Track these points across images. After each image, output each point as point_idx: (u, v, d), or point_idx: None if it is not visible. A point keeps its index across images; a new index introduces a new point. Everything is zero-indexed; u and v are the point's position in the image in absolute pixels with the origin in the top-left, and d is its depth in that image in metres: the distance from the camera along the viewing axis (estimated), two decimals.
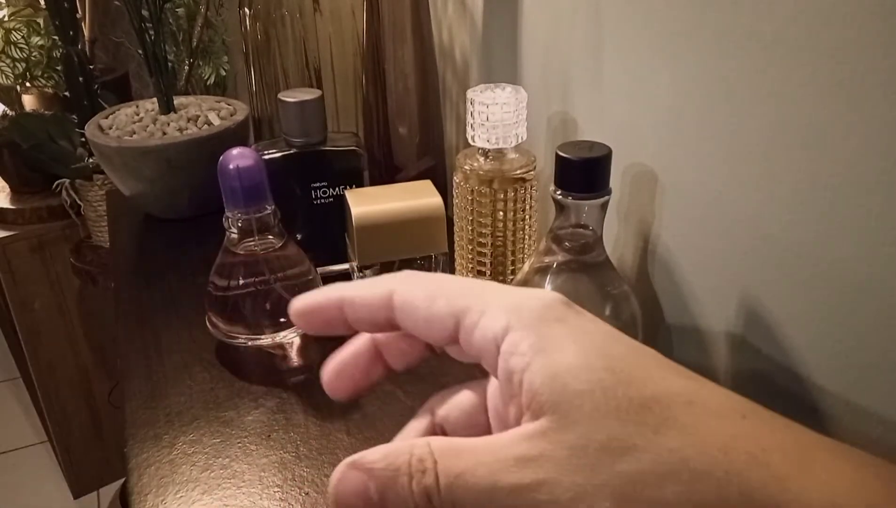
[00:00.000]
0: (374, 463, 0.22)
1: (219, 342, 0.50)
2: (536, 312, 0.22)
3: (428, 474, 0.21)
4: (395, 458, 0.21)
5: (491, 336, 0.22)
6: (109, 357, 1.36)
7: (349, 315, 0.25)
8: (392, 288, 0.24)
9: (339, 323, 0.26)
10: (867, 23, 0.29)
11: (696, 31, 0.38)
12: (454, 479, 0.20)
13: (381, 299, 0.24)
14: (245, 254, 0.48)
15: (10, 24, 1.11)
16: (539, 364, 0.21)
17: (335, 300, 0.25)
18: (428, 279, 0.24)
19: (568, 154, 0.39)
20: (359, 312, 0.25)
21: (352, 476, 0.22)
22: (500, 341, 0.22)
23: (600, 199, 0.40)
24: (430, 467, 0.21)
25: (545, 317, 0.22)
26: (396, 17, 0.67)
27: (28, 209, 1.24)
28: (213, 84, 1.14)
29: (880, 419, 0.33)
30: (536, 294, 0.23)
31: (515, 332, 0.22)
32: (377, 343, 0.27)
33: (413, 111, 0.71)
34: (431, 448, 0.21)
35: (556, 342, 0.21)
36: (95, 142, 0.68)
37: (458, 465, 0.21)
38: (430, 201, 0.51)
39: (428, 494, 0.21)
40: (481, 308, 0.23)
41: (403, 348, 0.27)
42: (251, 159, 0.45)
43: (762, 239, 0.37)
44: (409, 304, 0.24)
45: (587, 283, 0.42)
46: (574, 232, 0.41)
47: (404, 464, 0.21)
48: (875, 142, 0.30)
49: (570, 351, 0.21)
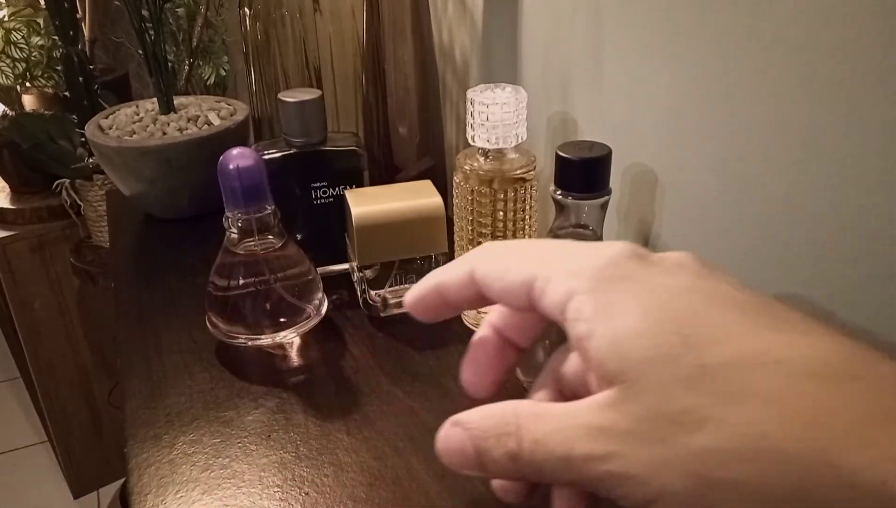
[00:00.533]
0: (471, 423, 0.23)
1: (219, 342, 0.50)
2: (599, 271, 0.21)
3: (512, 438, 0.21)
4: (487, 420, 0.22)
5: (557, 303, 0.21)
6: (109, 357, 1.36)
7: (446, 296, 0.26)
8: (472, 265, 0.25)
9: (441, 306, 0.26)
10: (867, 23, 0.29)
11: (696, 31, 0.38)
12: (534, 444, 0.21)
13: (465, 277, 0.25)
14: (245, 254, 0.48)
15: (10, 24, 1.11)
16: (602, 331, 0.20)
17: (432, 286, 0.26)
18: (503, 250, 0.24)
19: (568, 154, 0.39)
20: (451, 292, 0.26)
21: (453, 434, 0.23)
22: (566, 307, 0.21)
23: (600, 199, 0.40)
24: (513, 431, 0.21)
25: (608, 277, 0.21)
26: (396, 17, 0.67)
27: (28, 209, 1.24)
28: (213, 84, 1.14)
29: None
30: (602, 251, 0.22)
31: (578, 296, 0.21)
32: (499, 329, 0.27)
33: (413, 111, 0.71)
34: (516, 413, 0.22)
35: (619, 304, 0.20)
36: (95, 142, 0.68)
37: (538, 431, 0.21)
38: (431, 201, 0.51)
39: (512, 456, 0.21)
40: (546, 275, 0.22)
41: (522, 325, 0.27)
42: (251, 159, 0.45)
43: (762, 239, 0.37)
44: (487, 278, 0.24)
45: None
46: (574, 232, 0.41)
47: (493, 427, 0.22)
48: (875, 142, 0.30)
49: (633, 314, 0.20)
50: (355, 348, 0.51)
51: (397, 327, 0.53)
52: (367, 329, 0.53)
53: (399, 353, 0.50)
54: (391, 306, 0.54)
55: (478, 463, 0.22)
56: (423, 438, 0.42)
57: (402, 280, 0.53)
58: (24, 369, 1.43)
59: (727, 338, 0.19)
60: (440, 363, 0.49)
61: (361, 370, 0.48)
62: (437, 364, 0.49)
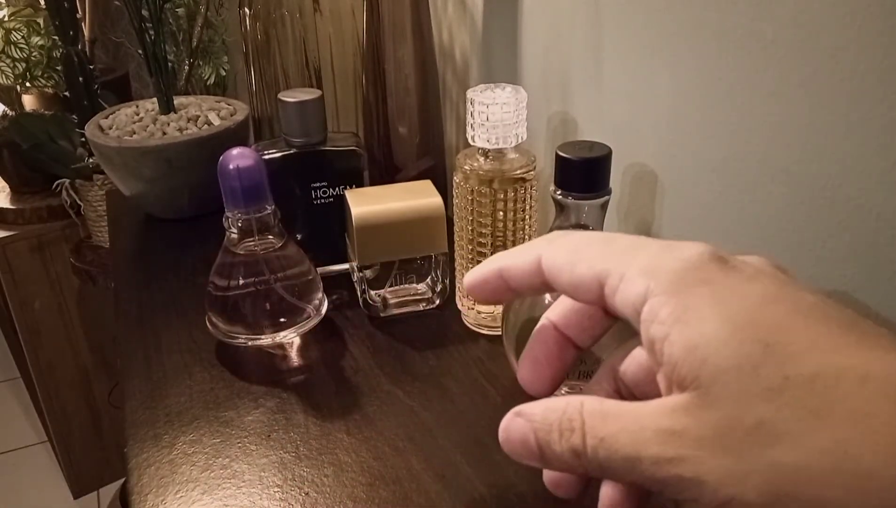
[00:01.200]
0: (534, 415, 0.22)
1: (219, 342, 0.50)
2: (678, 274, 0.20)
3: (576, 434, 0.21)
4: (551, 413, 0.22)
5: (630, 302, 0.21)
6: (109, 357, 1.36)
7: (509, 282, 0.25)
8: (539, 253, 0.24)
9: (503, 290, 0.26)
10: (867, 23, 0.29)
11: (696, 31, 0.38)
12: (599, 442, 0.20)
13: (532, 264, 0.24)
14: (245, 254, 0.48)
15: (11, 24, 1.11)
16: (678, 335, 0.19)
17: (495, 270, 0.26)
18: (574, 241, 0.24)
19: (568, 154, 0.39)
20: (515, 278, 0.25)
21: (517, 424, 0.23)
22: (640, 307, 0.20)
23: (600, 199, 0.40)
24: (577, 427, 0.21)
25: (687, 280, 0.20)
26: (396, 16, 0.67)
27: (28, 209, 1.24)
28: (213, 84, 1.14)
29: None
30: (681, 253, 0.21)
31: (655, 298, 0.20)
32: (560, 327, 0.26)
33: (413, 111, 0.71)
34: (582, 409, 0.21)
35: (697, 309, 0.19)
36: (95, 142, 0.68)
37: (604, 429, 0.20)
38: (430, 201, 0.51)
39: (575, 452, 0.21)
40: (621, 271, 0.21)
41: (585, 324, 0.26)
42: (251, 159, 0.45)
43: (762, 239, 0.37)
44: (554, 268, 0.23)
45: None
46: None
47: (556, 421, 0.22)
48: (875, 142, 0.30)
49: (713, 320, 0.19)
50: (355, 348, 0.51)
51: (397, 327, 0.53)
52: (367, 329, 0.53)
53: (399, 353, 0.50)
54: (391, 306, 0.54)
55: (539, 455, 0.22)
56: (423, 438, 0.42)
57: (402, 280, 0.53)
58: (24, 369, 1.44)
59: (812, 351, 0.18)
60: (440, 363, 0.49)
61: (361, 370, 0.48)
62: (437, 364, 0.49)
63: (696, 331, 0.19)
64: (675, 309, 0.20)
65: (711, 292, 0.20)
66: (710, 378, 0.19)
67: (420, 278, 0.54)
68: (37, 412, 1.51)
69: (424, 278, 0.54)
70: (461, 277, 0.51)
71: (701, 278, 0.20)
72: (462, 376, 0.46)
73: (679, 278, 0.20)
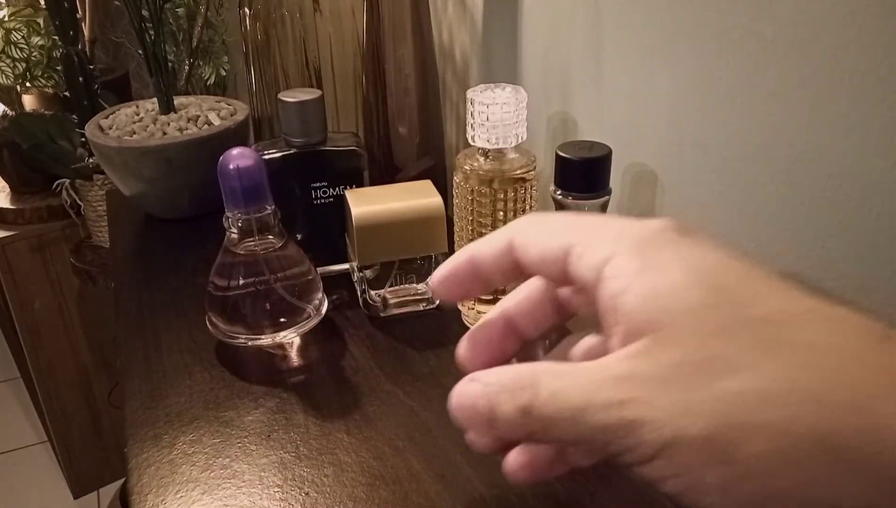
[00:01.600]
0: (488, 377, 0.22)
1: (219, 342, 0.50)
2: (643, 237, 0.21)
3: (527, 391, 0.21)
4: (504, 375, 0.22)
5: (594, 265, 0.21)
6: (109, 357, 1.36)
7: (481, 269, 0.25)
8: (512, 233, 0.24)
9: (474, 281, 0.26)
10: (867, 23, 0.29)
11: (696, 31, 0.38)
12: (549, 396, 0.20)
13: (503, 245, 0.24)
14: (245, 254, 0.48)
15: (11, 24, 1.11)
16: (639, 285, 0.20)
17: (466, 259, 0.26)
18: (545, 219, 0.24)
19: (568, 154, 0.39)
20: (486, 263, 0.25)
21: (469, 389, 0.23)
22: (603, 268, 0.21)
23: (600, 199, 0.40)
24: (528, 385, 0.21)
25: (653, 240, 0.21)
26: (396, 16, 0.67)
27: (28, 209, 1.24)
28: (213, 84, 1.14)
29: None
30: (647, 222, 0.22)
31: (619, 257, 0.21)
32: (509, 316, 0.27)
33: (413, 111, 0.71)
34: (536, 369, 0.21)
35: (660, 263, 0.20)
36: (95, 142, 0.68)
37: (556, 383, 0.20)
38: (431, 201, 0.51)
39: (524, 410, 0.21)
40: (588, 239, 0.22)
41: (535, 314, 0.26)
42: (251, 159, 0.45)
43: (762, 239, 0.37)
44: (525, 243, 0.24)
45: None
46: None
47: (510, 381, 0.21)
48: (875, 142, 0.30)
49: (674, 272, 0.20)
50: (355, 348, 0.51)
51: (397, 327, 0.53)
52: (367, 329, 0.53)
53: (399, 353, 0.50)
54: (391, 306, 0.54)
55: (488, 419, 0.22)
56: (423, 438, 0.42)
57: (402, 280, 0.53)
58: (24, 369, 1.43)
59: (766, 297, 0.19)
60: (440, 363, 0.49)
61: (361, 370, 0.48)
62: (437, 364, 0.49)
63: (658, 280, 0.20)
64: (639, 264, 0.20)
65: (675, 249, 0.20)
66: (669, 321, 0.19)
67: (420, 278, 0.54)
68: (37, 412, 1.51)
69: (424, 278, 0.54)
70: None
71: (665, 240, 0.21)
72: (462, 376, 0.46)
73: (644, 240, 0.21)
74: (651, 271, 0.20)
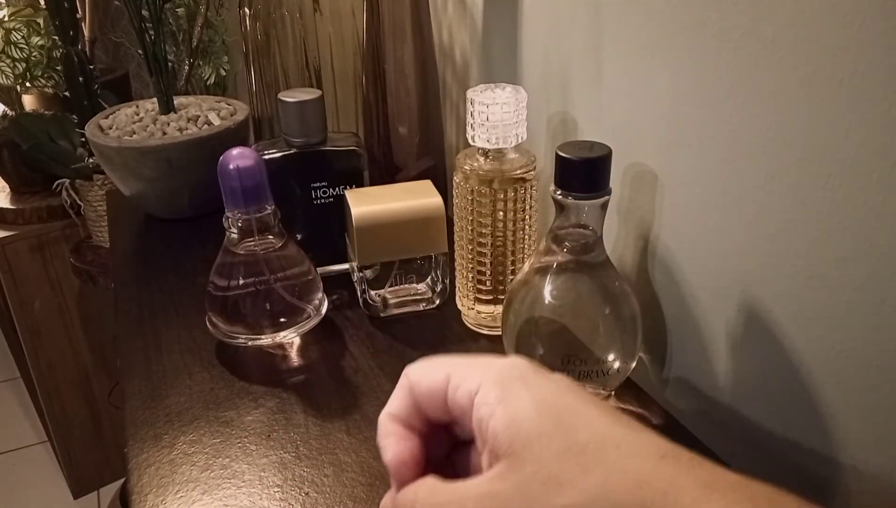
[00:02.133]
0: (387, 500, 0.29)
1: (219, 341, 0.50)
2: (502, 371, 0.27)
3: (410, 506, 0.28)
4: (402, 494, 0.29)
5: (468, 392, 0.27)
6: (109, 357, 1.36)
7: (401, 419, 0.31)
8: (407, 380, 0.30)
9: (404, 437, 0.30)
10: (867, 23, 0.29)
11: (696, 31, 0.38)
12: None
13: (404, 390, 0.30)
14: (245, 254, 0.48)
15: (11, 24, 1.11)
16: (501, 411, 0.26)
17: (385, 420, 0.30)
18: (428, 361, 0.30)
19: (568, 154, 0.39)
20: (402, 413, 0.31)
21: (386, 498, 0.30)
22: (474, 396, 0.27)
23: (600, 199, 0.40)
24: (408, 502, 0.28)
25: (508, 375, 0.27)
26: (396, 16, 0.67)
27: (28, 209, 1.24)
28: (213, 84, 1.14)
29: (880, 420, 0.33)
30: (504, 360, 0.28)
31: (485, 387, 0.27)
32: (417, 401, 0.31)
33: (413, 111, 0.71)
34: (417, 491, 0.28)
35: (515, 393, 0.27)
36: (95, 142, 0.68)
37: (435, 501, 0.27)
38: (430, 201, 0.51)
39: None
40: (462, 373, 0.28)
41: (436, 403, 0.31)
42: (251, 159, 0.45)
43: (762, 239, 0.37)
44: (416, 382, 0.30)
45: (587, 283, 0.42)
46: (574, 232, 0.41)
47: (401, 498, 0.28)
48: (875, 142, 0.30)
49: (525, 401, 0.26)
50: (355, 348, 0.51)
51: (397, 327, 0.53)
52: (367, 329, 0.53)
53: (399, 353, 0.50)
54: (391, 306, 0.54)
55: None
56: None
57: (402, 280, 0.53)
58: (24, 369, 1.44)
59: (589, 427, 0.26)
60: None
61: (361, 370, 0.48)
62: None
63: (514, 409, 0.26)
64: (500, 394, 0.27)
65: (525, 383, 0.27)
66: (521, 445, 0.26)
67: (420, 278, 0.54)
68: (37, 413, 1.51)
69: (424, 278, 0.54)
70: (461, 277, 0.51)
71: (517, 375, 0.27)
72: None
73: (503, 374, 0.27)
74: (509, 400, 0.27)
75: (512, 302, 0.44)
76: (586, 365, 0.41)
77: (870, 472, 0.34)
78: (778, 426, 0.39)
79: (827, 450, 0.36)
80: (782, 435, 0.39)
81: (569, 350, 0.41)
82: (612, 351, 0.42)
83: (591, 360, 0.41)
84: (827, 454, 0.36)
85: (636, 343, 0.43)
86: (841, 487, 0.36)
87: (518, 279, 0.44)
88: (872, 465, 0.34)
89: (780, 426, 0.39)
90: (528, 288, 0.43)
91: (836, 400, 0.35)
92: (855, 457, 0.35)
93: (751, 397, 0.41)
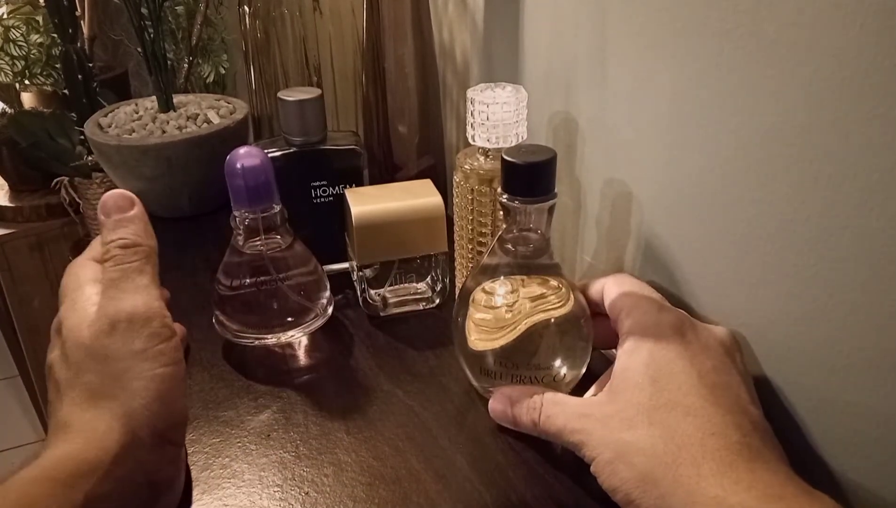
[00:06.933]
0: (513, 394, 0.41)
1: (219, 341, 0.50)
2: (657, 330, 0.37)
3: (535, 410, 0.39)
4: (524, 395, 0.40)
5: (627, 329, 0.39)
6: None
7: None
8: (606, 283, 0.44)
9: None
10: (868, 23, 0.29)
11: (696, 31, 0.38)
12: (546, 418, 0.38)
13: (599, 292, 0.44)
14: (252, 253, 0.48)
15: (9, 21, 1.11)
16: (625, 358, 0.37)
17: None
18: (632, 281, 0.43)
19: (513, 158, 0.39)
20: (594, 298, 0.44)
21: (499, 397, 0.42)
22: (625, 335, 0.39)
23: (546, 203, 0.40)
24: (537, 407, 0.39)
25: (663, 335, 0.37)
26: (397, 15, 0.67)
27: (27, 207, 1.23)
28: (212, 82, 1.13)
29: (881, 420, 0.33)
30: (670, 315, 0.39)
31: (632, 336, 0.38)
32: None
33: (413, 110, 0.71)
34: (543, 398, 0.39)
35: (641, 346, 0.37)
36: (95, 140, 0.68)
37: (552, 410, 0.38)
38: (430, 201, 0.51)
39: (533, 423, 0.39)
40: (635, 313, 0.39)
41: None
42: (258, 159, 0.45)
43: (762, 239, 0.37)
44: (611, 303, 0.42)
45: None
46: (521, 236, 0.41)
47: (526, 403, 0.40)
48: (875, 142, 0.30)
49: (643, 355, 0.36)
50: (355, 348, 0.51)
51: (397, 326, 0.53)
52: (367, 329, 0.53)
53: (399, 353, 0.50)
54: (391, 305, 0.54)
55: (512, 421, 0.41)
56: (423, 438, 0.42)
57: (402, 280, 0.53)
58: (22, 367, 1.43)
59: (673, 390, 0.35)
60: (440, 363, 0.49)
61: (361, 370, 0.48)
62: (437, 364, 0.49)
63: (632, 359, 0.37)
64: (633, 345, 0.37)
65: (657, 340, 0.37)
66: (620, 389, 0.36)
67: (420, 277, 0.54)
68: (35, 411, 1.51)
69: (424, 278, 0.54)
70: (461, 276, 0.51)
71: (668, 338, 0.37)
72: (462, 376, 0.46)
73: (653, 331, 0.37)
74: (634, 353, 0.37)
75: (460, 305, 0.44)
76: (531, 370, 0.41)
77: (870, 473, 0.35)
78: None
79: (825, 450, 0.37)
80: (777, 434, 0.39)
81: (514, 356, 0.41)
82: (559, 358, 0.41)
83: (534, 366, 0.41)
84: (823, 453, 0.37)
85: (586, 350, 0.42)
86: (837, 488, 0.36)
87: (466, 283, 0.44)
88: (873, 465, 0.34)
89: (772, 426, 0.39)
90: (476, 291, 0.43)
91: (836, 401, 0.35)
92: (854, 457, 0.35)
93: None
